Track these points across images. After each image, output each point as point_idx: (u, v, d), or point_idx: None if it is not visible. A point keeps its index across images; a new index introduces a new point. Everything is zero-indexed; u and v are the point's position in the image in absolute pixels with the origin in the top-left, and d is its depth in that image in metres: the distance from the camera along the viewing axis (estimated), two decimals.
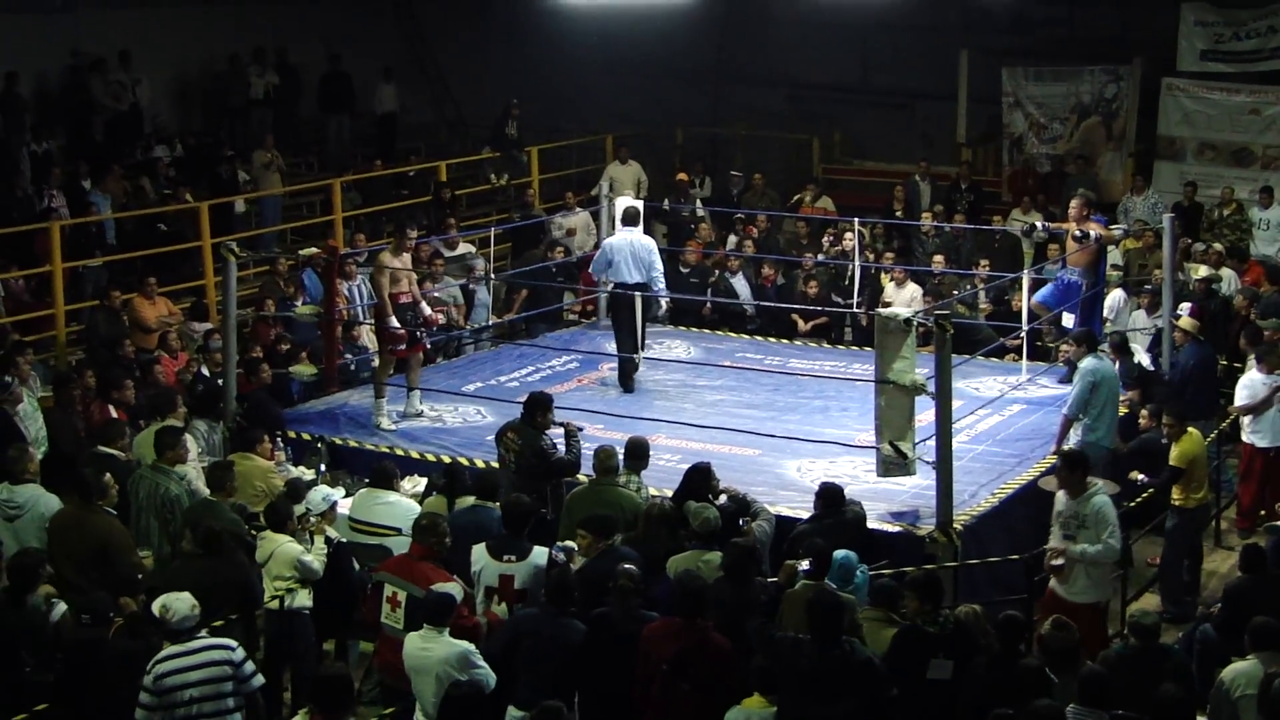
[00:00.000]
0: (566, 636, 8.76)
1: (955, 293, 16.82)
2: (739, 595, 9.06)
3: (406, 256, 14.17)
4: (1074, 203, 15.40)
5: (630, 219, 15.15)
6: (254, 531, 10.40)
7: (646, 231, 15.69)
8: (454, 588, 9.17)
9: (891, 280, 17.28)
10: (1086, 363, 12.66)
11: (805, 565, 9.13)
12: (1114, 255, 16.84)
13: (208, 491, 10.81)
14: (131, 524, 10.80)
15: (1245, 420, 13.57)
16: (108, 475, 10.61)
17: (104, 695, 8.47)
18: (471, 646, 8.60)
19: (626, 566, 8.98)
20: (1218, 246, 17.73)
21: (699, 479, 10.61)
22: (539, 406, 11.49)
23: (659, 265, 14.99)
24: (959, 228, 18.91)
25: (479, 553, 9.59)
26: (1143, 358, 14.29)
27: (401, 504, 10.87)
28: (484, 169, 22.37)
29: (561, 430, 11.60)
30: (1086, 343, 12.91)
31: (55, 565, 9.96)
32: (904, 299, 16.67)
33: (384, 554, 10.26)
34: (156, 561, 10.65)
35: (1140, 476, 12.15)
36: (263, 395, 13.54)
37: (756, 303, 17.67)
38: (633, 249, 14.83)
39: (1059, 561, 10.33)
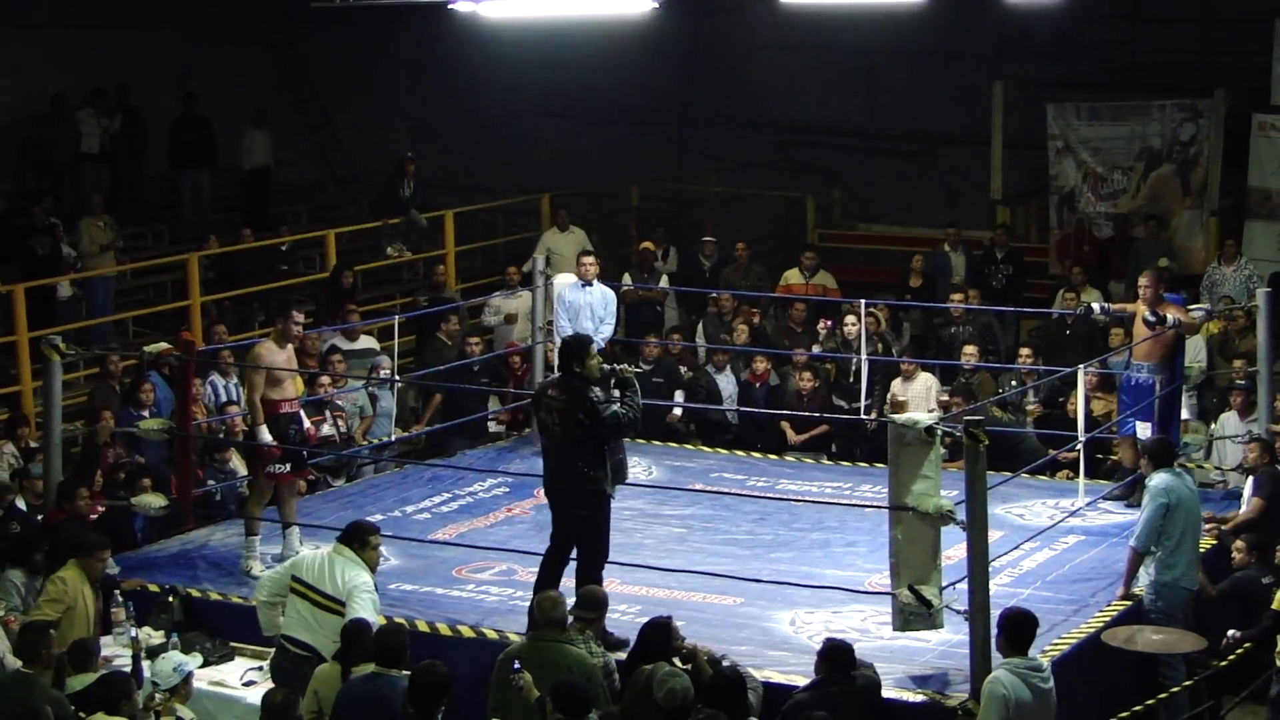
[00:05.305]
0: None
1: (999, 391, 16.87)
2: None
3: (291, 349, 14.11)
4: (1145, 278, 15.50)
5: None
6: (83, 714, 10.28)
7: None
8: None
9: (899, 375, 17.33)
10: (1158, 480, 12.66)
11: None
12: (1194, 344, 16.93)
13: (18, 662, 10.68)
14: None
15: None
16: None
17: None
18: None
19: None
20: None
21: (656, 637, 10.53)
22: (577, 350, 11.90)
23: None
24: (999, 310, 19.01)
25: None
26: None
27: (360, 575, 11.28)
28: (381, 239, 22.34)
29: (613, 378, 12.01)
30: (1161, 455, 12.94)
31: None
32: (916, 394, 16.70)
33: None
34: None
35: (1234, 633, 12.12)
36: (74, 527, 13.33)
37: (739, 409, 17.75)
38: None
39: None
